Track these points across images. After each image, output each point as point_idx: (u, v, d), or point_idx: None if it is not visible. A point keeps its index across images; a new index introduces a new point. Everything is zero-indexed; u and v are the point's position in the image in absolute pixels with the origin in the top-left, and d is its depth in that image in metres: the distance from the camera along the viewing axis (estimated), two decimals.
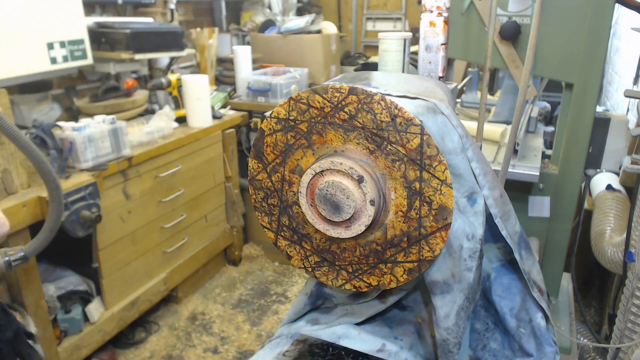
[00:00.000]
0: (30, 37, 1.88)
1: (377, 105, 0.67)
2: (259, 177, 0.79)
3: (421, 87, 0.76)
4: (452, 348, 0.75)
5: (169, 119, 2.42)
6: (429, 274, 0.73)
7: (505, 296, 0.84)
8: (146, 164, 2.17)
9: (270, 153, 0.77)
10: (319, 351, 0.91)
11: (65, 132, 1.84)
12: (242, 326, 2.49)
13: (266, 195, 0.79)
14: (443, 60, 0.88)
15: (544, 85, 1.74)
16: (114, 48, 2.34)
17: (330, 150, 0.71)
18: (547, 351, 0.80)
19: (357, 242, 0.74)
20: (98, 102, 2.33)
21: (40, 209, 1.68)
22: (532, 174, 1.32)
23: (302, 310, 0.92)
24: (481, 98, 1.24)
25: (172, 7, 2.90)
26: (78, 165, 1.88)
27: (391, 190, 0.70)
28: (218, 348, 2.34)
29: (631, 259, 1.26)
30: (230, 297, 2.73)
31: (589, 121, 1.32)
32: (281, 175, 0.76)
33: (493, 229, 0.77)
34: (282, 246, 0.82)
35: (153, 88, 2.54)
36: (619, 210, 1.60)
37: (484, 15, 1.31)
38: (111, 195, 2.00)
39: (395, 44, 0.88)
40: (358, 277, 0.77)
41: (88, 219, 1.81)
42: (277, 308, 2.64)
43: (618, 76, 2.54)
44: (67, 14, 2.02)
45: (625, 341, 1.22)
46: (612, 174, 1.68)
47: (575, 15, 1.23)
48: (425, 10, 0.85)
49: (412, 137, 0.66)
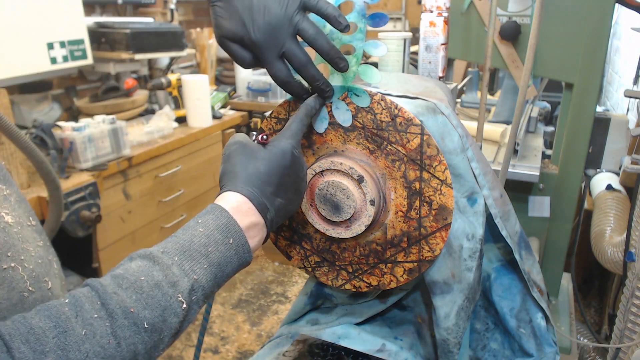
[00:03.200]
0: (30, 37, 1.88)
1: (377, 105, 0.67)
2: None
3: (421, 87, 0.76)
4: (452, 348, 0.75)
5: (169, 119, 2.42)
6: (429, 274, 0.73)
7: (505, 296, 0.84)
8: (146, 164, 2.17)
9: None
10: (319, 351, 0.91)
11: (65, 132, 1.84)
12: (242, 326, 2.49)
13: None
14: (443, 60, 0.88)
15: (544, 85, 1.74)
16: (114, 48, 2.34)
17: (330, 150, 0.71)
18: (547, 351, 0.80)
19: (357, 242, 0.74)
20: (98, 102, 2.33)
21: (40, 209, 1.68)
22: (532, 174, 1.32)
23: (302, 310, 0.92)
24: (481, 98, 1.24)
25: (172, 7, 2.90)
26: (78, 165, 1.88)
27: (391, 190, 0.70)
28: (218, 348, 2.34)
29: (631, 259, 1.26)
30: (230, 297, 2.73)
31: (589, 121, 1.32)
32: None
33: (493, 229, 0.77)
34: (282, 246, 0.82)
35: (153, 88, 2.54)
36: (619, 210, 1.60)
37: (484, 15, 1.31)
38: (111, 195, 2.00)
39: (395, 44, 0.88)
40: (358, 277, 0.77)
41: (88, 219, 1.81)
42: (277, 308, 2.64)
43: (618, 76, 2.54)
44: (67, 14, 2.02)
45: (625, 341, 1.22)
46: (612, 174, 1.68)
47: (575, 15, 1.23)
48: (425, 10, 0.85)
49: (412, 137, 0.66)
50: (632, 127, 1.66)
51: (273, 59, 0.61)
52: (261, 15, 0.59)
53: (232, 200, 0.58)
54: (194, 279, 0.51)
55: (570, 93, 1.32)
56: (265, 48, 0.61)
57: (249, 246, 0.57)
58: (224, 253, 0.54)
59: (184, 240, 0.53)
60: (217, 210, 0.56)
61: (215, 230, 0.54)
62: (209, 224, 0.55)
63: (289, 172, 0.61)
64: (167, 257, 0.51)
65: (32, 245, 0.58)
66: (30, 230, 0.60)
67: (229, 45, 0.63)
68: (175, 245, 0.53)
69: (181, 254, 0.52)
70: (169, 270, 0.50)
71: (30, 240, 0.59)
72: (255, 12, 0.59)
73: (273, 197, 0.60)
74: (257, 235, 0.59)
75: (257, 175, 0.59)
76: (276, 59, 0.61)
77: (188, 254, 0.52)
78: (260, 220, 0.58)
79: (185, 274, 0.51)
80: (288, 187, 0.61)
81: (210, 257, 0.53)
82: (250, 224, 0.57)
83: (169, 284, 0.49)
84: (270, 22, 0.59)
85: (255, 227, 0.58)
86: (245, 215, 0.57)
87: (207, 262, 0.53)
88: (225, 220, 0.55)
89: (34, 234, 0.61)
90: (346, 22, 0.61)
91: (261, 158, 0.60)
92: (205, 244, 0.53)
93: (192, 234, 0.54)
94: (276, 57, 0.61)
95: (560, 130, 1.44)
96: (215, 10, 0.62)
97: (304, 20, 0.60)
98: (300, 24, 0.60)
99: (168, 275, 0.49)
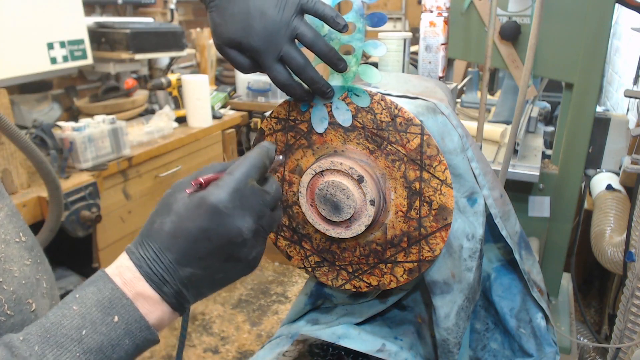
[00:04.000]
0: (31, 37, 1.88)
1: (377, 105, 0.67)
2: None
3: (421, 87, 0.76)
4: (452, 348, 0.75)
5: (169, 119, 2.42)
6: (429, 274, 0.73)
7: (505, 296, 0.84)
8: (146, 164, 2.17)
9: None
10: (319, 351, 0.91)
11: (65, 132, 1.84)
12: (242, 326, 2.49)
13: None
14: (443, 60, 0.88)
15: (544, 85, 1.74)
16: (114, 48, 2.34)
17: (330, 150, 0.71)
18: (547, 351, 0.80)
19: (357, 242, 0.74)
20: (98, 102, 2.33)
21: (40, 209, 1.68)
22: (532, 174, 1.32)
23: (302, 310, 0.92)
24: (481, 98, 1.24)
25: (172, 7, 2.90)
26: (78, 165, 1.88)
27: (391, 190, 0.70)
28: (218, 348, 2.34)
29: (631, 259, 1.26)
30: (230, 297, 2.73)
31: (589, 121, 1.32)
32: (281, 175, 0.76)
33: (493, 229, 0.77)
34: (282, 246, 0.82)
35: (153, 88, 2.54)
36: (619, 210, 1.60)
37: (484, 15, 1.31)
38: (111, 195, 2.00)
39: (395, 44, 0.88)
40: (358, 277, 0.77)
41: (88, 219, 1.81)
42: (277, 308, 2.64)
43: (618, 76, 2.54)
44: (67, 14, 2.02)
45: (625, 341, 1.22)
46: (612, 174, 1.68)
47: (575, 15, 1.23)
48: (425, 10, 0.85)
49: (412, 137, 0.66)
50: (632, 127, 1.65)
51: (272, 63, 0.61)
52: (258, 21, 0.58)
53: (121, 265, 0.48)
54: None
55: (570, 93, 1.32)
56: (264, 53, 0.60)
57: (146, 322, 0.46)
58: (107, 335, 0.44)
59: (50, 323, 0.43)
60: (100, 281, 0.46)
61: (94, 307, 0.44)
62: (87, 300, 0.45)
63: (207, 236, 0.47)
64: (26, 346, 0.41)
65: (17, 265, 0.54)
66: (17, 248, 0.56)
67: (228, 52, 0.62)
68: (39, 330, 0.43)
69: (44, 341, 0.42)
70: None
71: (16, 259, 0.54)
72: (252, 17, 0.58)
73: (177, 266, 0.47)
74: (154, 311, 0.47)
75: (158, 234, 0.48)
76: (275, 63, 0.61)
77: (53, 340, 0.42)
78: (152, 292, 0.47)
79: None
80: (208, 253, 0.48)
81: (85, 342, 0.43)
82: (136, 294, 0.46)
83: None
84: (268, 27, 0.58)
85: (147, 300, 0.47)
86: (130, 285, 0.46)
87: (81, 349, 0.42)
88: (108, 293, 0.45)
89: (21, 251, 0.56)
90: (344, 22, 0.60)
91: (174, 212, 0.48)
92: (78, 327, 0.43)
93: (63, 314, 0.44)
94: (275, 61, 0.61)
95: (560, 130, 1.44)
96: (212, 17, 0.61)
97: (301, 24, 0.60)
98: (298, 28, 0.59)
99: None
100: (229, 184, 0.49)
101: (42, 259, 0.61)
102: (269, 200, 0.52)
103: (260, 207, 0.51)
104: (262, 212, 0.51)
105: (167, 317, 0.48)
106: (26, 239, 0.59)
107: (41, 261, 0.60)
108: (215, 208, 0.47)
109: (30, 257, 0.57)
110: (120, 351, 0.44)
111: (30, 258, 0.58)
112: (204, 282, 0.49)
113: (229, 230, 0.48)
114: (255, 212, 0.50)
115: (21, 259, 0.56)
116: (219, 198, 0.48)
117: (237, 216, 0.48)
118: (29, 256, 0.57)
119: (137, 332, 0.45)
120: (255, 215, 0.50)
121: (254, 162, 0.53)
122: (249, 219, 0.49)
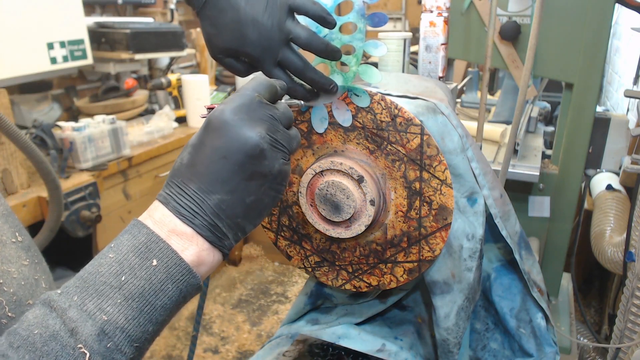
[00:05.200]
0: (30, 37, 1.88)
1: (377, 105, 0.67)
2: None
3: (421, 87, 0.76)
4: (452, 348, 0.75)
5: (169, 119, 2.42)
6: (429, 274, 0.73)
7: (505, 296, 0.84)
8: (146, 164, 2.17)
9: None
10: (319, 351, 0.91)
11: (65, 132, 1.84)
12: (242, 326, 2.49)
13: None
14: (443, 60, 0.88)
15: (544, 85, 1.74)
16: (114, 48, 2.34)
17: (330, 150, 0.71)
18: (547, 351, 0.80)
19: (357, 242, 0.74)
20: (98, 102, 2.33)
21: (40, 209, 1.68)
22: (532, 174, 1.32)
23: (302, 310, 0.92)
24: (481, 98, 1.24)
25: (172, 7, 2.90)
26: (78, 165, 1.88)
27: (391, 190, 0.70)
28: (218, 348, 2.34)
29: (631, 259, 1.26)
30: (230, 297, 2.73)
31: (589, 121, 1.32)
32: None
33: (493, 229, 0.77)
34: (282, 246, 0.82)
35: (153, 88, 2.54)
36: (619, 210, 1.60)
37: (484, 15, 1.31)
38: (111, 195, 2.00)
39: (395, 44, 0.88)
40: (358, 277, 0.77)
41: (88, 219, 1.81)
42: (277, 308, 2.64)
43: (618, 76, 2.54)
44: (67, 14, 2.02)
45: (625, 341, 1.22)
46: (612, 174, 1.68)
47: (575, 15, 1.23)
48: (425, 10, 0.85)
49: (412, 137, 0.66)
50: (632, 127, 1.65)
51: (271, 69, 0.60)
52: (251, 29, 0.57)
53: (150, 209, 0.47)
54: (102, 320, 0.40)
55: (570, 93, 1.32)
56: (262, 60, 0.60)
57: (186, 265, 0.44)
58: (147, 280, 0.42)
59: (88, 273, 0.42)
60: (134, 228, 0.45)
61: (130, 252, 0.43)
62: (122, 247, 0.44)
63: (222, 154, 0.46)
64: (65, 298, 0.41)
65: (15, 266, 0.53)
66: (14, 248, 0.55)
67: (224, 61, 0.62)
68: (76, 282, 0.42)
69: (82, 291, 0.41)
70: (65, 315, 0.40)
71: (14, 259, 0.54)
72: (245, 26, 0.57)
73: (203, 195, 0.46)
74: (190, 246, 0.45)
75: (178, 170, 0.48)
76: (274, 68, 0.60)
77: (93, 288, 0.41)
78: (184, 227, 0.46)
79: (88, 316, 0.40)
80: (229, 173, 0.47)
81: (125, 288, 0.42)
82: (169, 232, 0.45)
83: (68, 332, 0.39)
84: (262, 35, 0.58)
85: (180, 236, 0.45)
86: (161, 224, 0.45)
87: (122, 296, 0.41)
88: (143, 238, 0.44)
89: (19, 252, 0.55)
90: (333, 20, 0.60)
91: (189, 145, 0.49)
92: (117, 273, 0.42)
93: (100, 263, 0.43)
94: (273, 67, 0.60)
95: (560, 130, 1.44)
96: (205, 27, 0.60)
97: (294, 26, 0.59)
98: (292, 30, 0.59)
99: (66, 321, 0.39)
100: (234, 99, 0.49)
101: (39, 259, 0.60)
102: (279, 115, 0.50)
103: (269, 119, 0.49)
104: (273, 125, 0.49)
105: (206, 254, 0.47)
106: (22, 239, 0.58)
107: (39, 261, 0.60)
108: (220, 122, 0.47)
109: (27, 258, 0.57)
110: (163, 297, 0.43)
111: (28, 258, 0.57)
112: (235, 208, 0.47)
113: (242, 143, 0.46)
114: (265, 123, 0.48)
115: (19, 260, 0.55)
116: (223, 112, 0.47)
117: (245, 127, 0.47)
118: (27, 256, 0.57)
119: (178, 276, 0.44)
120: (265, 126, 0.48)
121: (261, 81, 0.52)
122: (260, 129, 0.47)
